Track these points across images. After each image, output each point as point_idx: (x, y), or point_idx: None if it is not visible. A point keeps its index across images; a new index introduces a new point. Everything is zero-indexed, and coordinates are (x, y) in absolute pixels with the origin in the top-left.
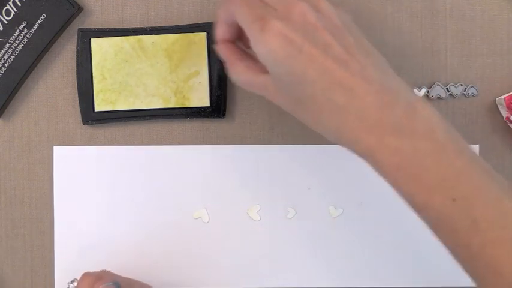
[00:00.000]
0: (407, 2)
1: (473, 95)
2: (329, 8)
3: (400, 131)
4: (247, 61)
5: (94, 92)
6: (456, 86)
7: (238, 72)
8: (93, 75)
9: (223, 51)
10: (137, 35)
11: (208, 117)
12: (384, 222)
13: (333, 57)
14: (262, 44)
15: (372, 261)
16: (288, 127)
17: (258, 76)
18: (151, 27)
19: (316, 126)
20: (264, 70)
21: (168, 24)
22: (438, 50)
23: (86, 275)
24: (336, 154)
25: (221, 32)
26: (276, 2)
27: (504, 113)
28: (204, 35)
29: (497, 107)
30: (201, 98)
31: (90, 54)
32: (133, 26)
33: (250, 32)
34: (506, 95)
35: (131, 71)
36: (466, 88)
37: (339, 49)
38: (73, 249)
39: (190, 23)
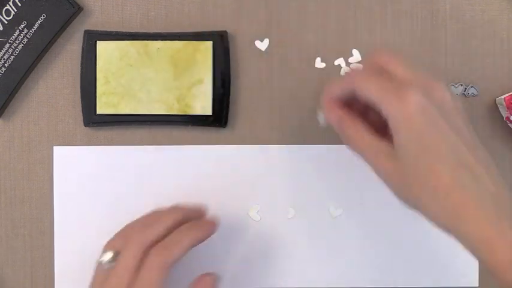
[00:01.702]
0: (407, 2)
1: (473, 95)
2: (459, 101)
3: None
4: (365, 122)
5: (97, 95)
6: (456, 86)
7: (357, 127)
8: (97, 77)
9: (338, 112)
10: (143, 40)
11: (209, 126)
12: (384, 222)
13: (463, 141)
14: (399, 109)
15: (372, 261)
16: (288, 128)
17: (379, 141)
18: (157, 32)
19: (427, 203)
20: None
21: (168, 26)
22: (438, 50)
23: (130, 237)
24: (335, 154)
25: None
26: (414, 80)
27: (504, 113)
28: (209, 43)
29: (497, 107)
30: (204, 106)
31: (95, 56)
32: (138, 31)
33: (385, 100)
34: (506, 95)
35: (135, 75)
36: (466, 88)
37: (468, 136)
38: (73, 249)
39: (190, 23)
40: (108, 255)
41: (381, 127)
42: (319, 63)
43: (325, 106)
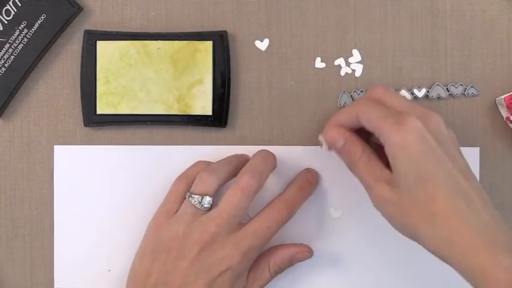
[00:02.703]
0: (407, 2)
1: (473, 95)
2: (453, 133)
3: (511, 251)
4: (370, 148)
5: (97, 95)
6: (456, 86)
7: (362, 152)
8: (97, 77)
9: (345, 133)
10: (143, 40)
11: (209, 126)
12: (385, 224)
13: (458, 168)
14: (398, 136)
15: (372, 263)
16: (288, 128)
17: (380, 167)
18: (157, 32)
19: (424, 230)
20: (384, 164)
21: (168, 26)
22: (438, 50)
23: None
24: (336, 155)
25: (331, 135)
26: (411, 110)
27: (504, 113)
28: (209, 43)
29: (497, 107)
30: (204, 106)
31: (95, 56)
32: (138, 31)
33: (384, 126)
34: (506, 95)
35: (135, 75)
36: (466, 88)
37: (463, 164)
38: (73, 249)
39: (190, 23)
40: (208, 199)
41: (381, 156)
42: (319, 63)
43: (330, 128)
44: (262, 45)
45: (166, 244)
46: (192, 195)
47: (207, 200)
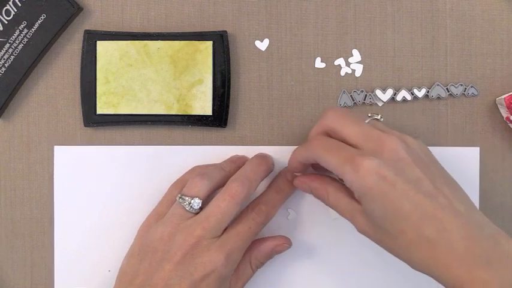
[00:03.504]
0: (407, 2)
1: (473, 95)
2: (414, 142)
3: (488, 263)
4: (336, 184)
5: (97, 95)
6: (456, 86)
7: (328, 193)
8: (97, 77)
9: (310, 177)
10: (143, 40)
11: (209, 126)
12: None
13: (424, 192)
14: (358, 182)
15: (372, 263)
16: (288, 128)
17: (349, 202)
18: (157, 32)
19: (402, 256)
20: (353, 196)
21: (168, 26)
22: (438, 50)
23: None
24: None
25: (294, 169)
26: (364, 142)
27: (504, 113)
28: (210, 43)
29: (497, 107)
30: (204, 106)
31: (95, 56)
32: (138, 31)
33: (344, 174)
34: (506, 95)
35: (135, 75)
36: (466, 88)
37: (428, 184)
38: (73, 249)
39: (190, 23)
40: (197, 201)
41: None
42: (319, 63)
43: (295, 179)
44: (262, 45)
45: (153, 245)
46: (183, 197)
47: (196, 202)
